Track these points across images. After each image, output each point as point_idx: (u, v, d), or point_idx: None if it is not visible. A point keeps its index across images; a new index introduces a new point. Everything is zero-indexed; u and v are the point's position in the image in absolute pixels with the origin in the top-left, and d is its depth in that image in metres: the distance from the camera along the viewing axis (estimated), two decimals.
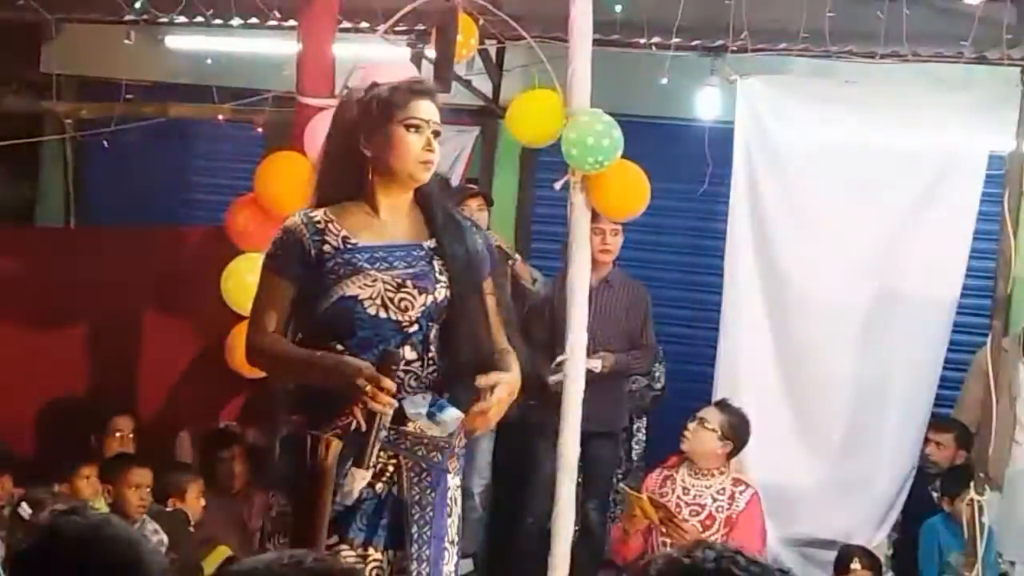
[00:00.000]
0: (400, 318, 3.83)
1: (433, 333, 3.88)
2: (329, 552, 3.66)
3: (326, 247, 3.87)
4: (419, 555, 3.84)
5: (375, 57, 6.62)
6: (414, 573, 3.83)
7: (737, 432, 6.43)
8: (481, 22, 7.04)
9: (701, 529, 6.15)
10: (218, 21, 7.79)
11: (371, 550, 3.84)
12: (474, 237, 4.05)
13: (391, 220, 3.96)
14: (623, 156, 5.91)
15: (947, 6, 6.97)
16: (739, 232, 7.30)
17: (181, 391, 7.05)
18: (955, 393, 7.61)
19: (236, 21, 7.75)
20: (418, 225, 4.00)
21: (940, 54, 6.96)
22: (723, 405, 6.53)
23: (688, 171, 7.59)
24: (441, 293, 3.89)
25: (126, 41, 8.22)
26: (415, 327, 3.85)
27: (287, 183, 6.10)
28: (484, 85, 8.42)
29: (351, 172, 3.95)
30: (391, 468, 3.85)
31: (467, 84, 8.20)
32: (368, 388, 3.61)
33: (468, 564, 6.87)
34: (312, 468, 3.71)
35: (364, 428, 3.68)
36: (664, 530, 6.08)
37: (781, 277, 7.27)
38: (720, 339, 7.35)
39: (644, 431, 7.85)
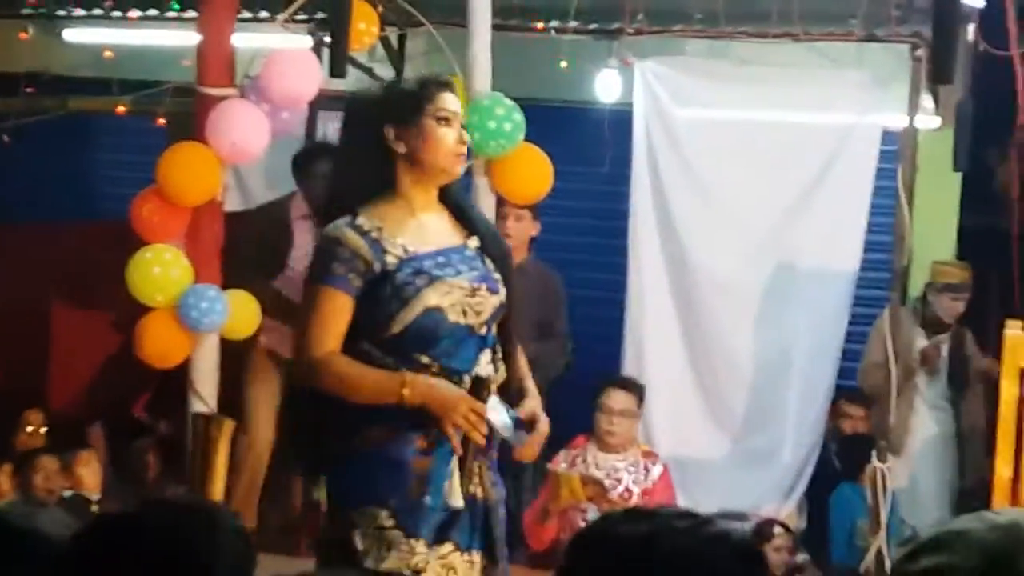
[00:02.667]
0: (474, 323, 3.82)
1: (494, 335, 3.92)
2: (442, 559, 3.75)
3: (389, 258, 3.78)
4: (502, 555, 3.92)
5: (276, 46, 6.63)
6: (501, 573, 3.89)
7: (641, 404, 6.57)
8: (381, 9, 7.07)
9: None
10: (117, 13, 7.76)
11: (473, 554, 3.85)
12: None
13: (429, 220, 3.91)
14: (525, 140, 5.97)
15: None
16: (641, 212, 7.41)
17: (92, 384, 7.03)
18: (857, 365, 7.74)
19: (135, 13, 7.73)
20: (452, 224, 3.96)
21: (831, 33, 7.09)
22: (625, 384, 6.64)
23: (590, 154, 7.67)
24: (503, 294, 3.91)
25: (23, 35, 8.16)
26: (485, 330, 3.86)
27: (190, 174, 6.12)
28: (387, 73, 8.43)
29: (376, 170, 3.87)
30: (477, 471, 3.86)
31: (369, 72, 8.21)
32: (470, 419, 3.65)
33: None
34: (203, 448, 3.75)
35: (460, 452, 3.73)
36: (596, 508, 6.15)
37: (684, 255, 7.39)
38: (626, 318, 7.47)
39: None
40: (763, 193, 7.34)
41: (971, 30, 6.68)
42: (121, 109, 7.69)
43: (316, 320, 3.78)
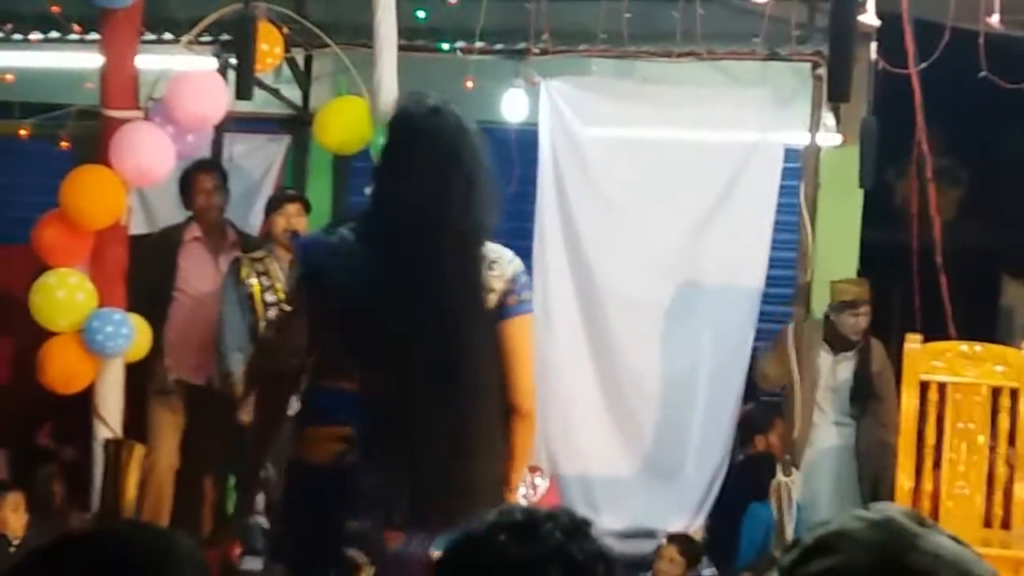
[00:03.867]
0: None
1: None
2: None
3: None
4: None
5: (181, 68, 6.60)
6: None
7: None
8: (286, 31, 7.06)
9: None
10: (18, 36, 7.67)
11: None
12: None
13: None
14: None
15: (740, 5, 7.19)
16: (548, 231, 7.45)
17: None
18: None
19: (36, 35, 7.65)
20: None
21: (734, 51, 7.19)
22: None
23: (496, 173, 7.66)
24: None
25: None
26: None
27: (94, 198, 6.08)
28: (294, 94, 8.42)
29: None
30: None
31: (275, 93, 8.18)
32: None
33: None
34: (115, 473, 3.72)
35: None
36: None
37: (590, 273, 7.43)
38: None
39: None
40: (668, 211, 7.39)
41: (872, 48, 6.78)
42: (23, 132, 7.62)
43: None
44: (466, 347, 3.59)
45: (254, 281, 6.58)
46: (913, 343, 6.13)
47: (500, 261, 3.68)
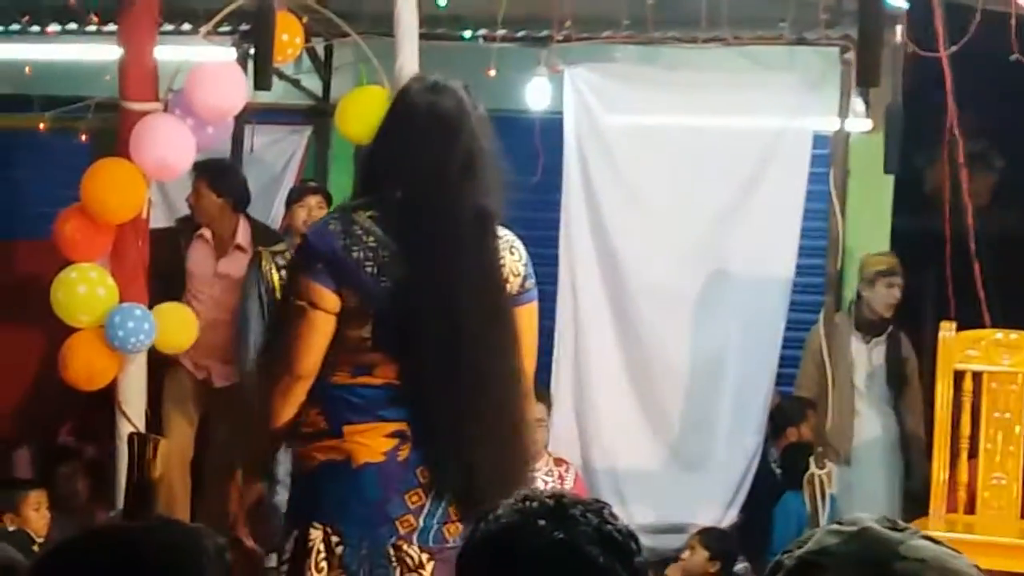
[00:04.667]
0: None
1: None
2: None
3: None
4: None
5: (199, 59, 6.54)
6: None
7: (550, 412, 6.62)
8: (306, 20, 6.98)
9: None
10: (35, 28, 7.61)
11: None
12: None
13: None
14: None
15: None
16: (574, 220, 7.37)
17: (16, 408, 6.90)
18: (796, 371, 7.73)
19: (54, 28, 7.59)
20: None
21: (761, 36, 7.07)
22: (536, 394, 6.66)
23: (520, 162, 7.51)
24: None
25: None
26: None
27: (114, 191, 6.02)
28: (314, 84, 8.36)
29: None
30: None
31: (296, 83, 8.13)
32: None
33: None
34: (139, 468, 3.67)
35: None
36: None
37: (617, 262, 7.34)
38: (556, 327, 7.41)
39: None
40: (696, 198, 7.30)
41: (899, 32, 6.68)
42: (43, 126, 7.57)
43: None
44: (496, 333, 3.57)
45: (275, 274, 6.52)
46: (947, 331, 6.03)
47: (517, 245, 3.70)
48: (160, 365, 6.54)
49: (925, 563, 1.66)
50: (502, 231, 3.68)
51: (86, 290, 5.99)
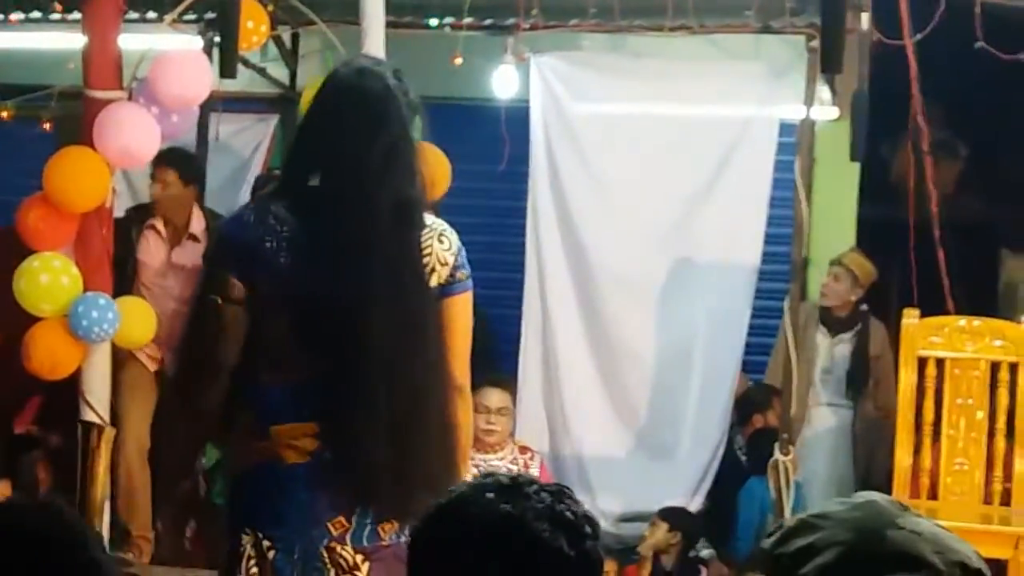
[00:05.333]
0: None
1: None
2: None
3: None
4: None
5: (164, 47, 6.51)
6: None
7: (515, 400, 6.64)
8: (272, 8, 6.96)
9: None
10: None
11: None
12: None
13: None
14: (421, 139, 5.88)
15: None
16: (540, 209, 7.37)
17: None
18: (763, 359, 7.76)
19: (17, 15, 7.55)
20: None
21: (727, 25, 7.08)
22: (500, 382, 6.73)
23: (487, 151, 7.60)
24: None
25: None
26: None
27: (78, 180, 5.99)
28: (281, 72, 8.34)
29: None
30: None
31: (262, 72, 8.10)
32: None
33: None
34: (86, 456, 3.60)
35: None
36: None
37: (583, 251, 7.34)
38: (523, 316, 7.42)
39: None
40: (662, 187, 7.31)
41: (865, 19, 6.69)
42: (5, 114, 7.53)
43: None
44: (412, 325, 3.43)
45: None
46: (911, 318, 6.06)
47: (447, 234, 3.56)
48: (114, 357, 6.51)
49: (919, 535, 1.70)
50: (431, 219, 3.55)
51: (49, 279, 5.95)
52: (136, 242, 6.86)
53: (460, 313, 3.57)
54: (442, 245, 3.52)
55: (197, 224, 6.96)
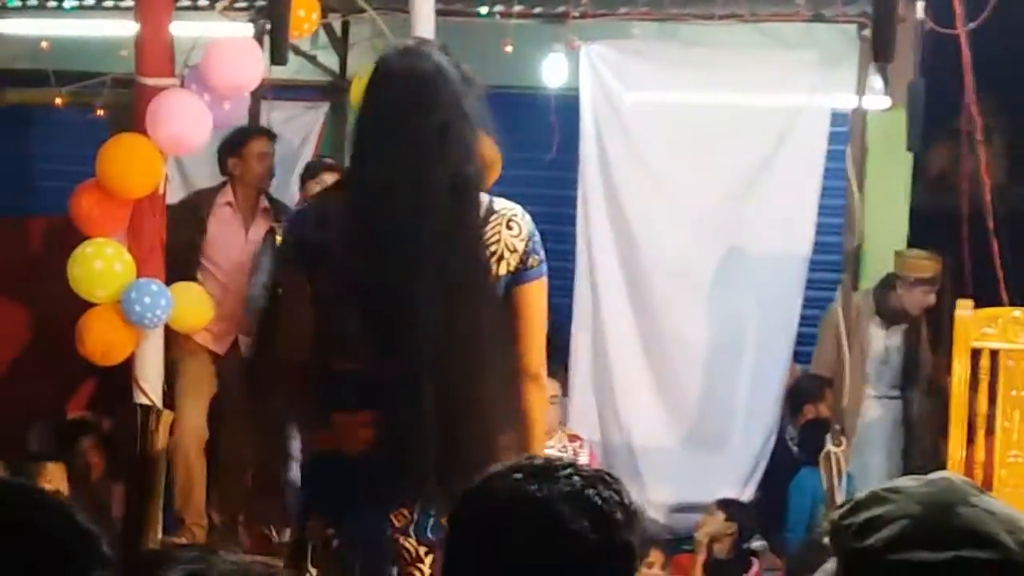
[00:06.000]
0: None
1: None
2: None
3: None
4: None
5: (216, 35, 6.53)
6: None
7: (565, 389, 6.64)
8: None
9: None
10: (52, 3, 7.62)
11: None
12: None
13: None
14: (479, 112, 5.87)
15: None
16: (590, 198, 7.37)
17: (33, 383, 6.92)
18: (812, 348, 7.72)
19: (70, 3, 7.59)
20: None
21: (778, 13, 7.04)
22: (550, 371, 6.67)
23: (536, 140, 7.59)
24: None
25: None
26: None
27: (130, 166, 6.01)
28: (331, 60, 8.35)
29: None
30: None
31: (312, 60, 8.12)
32: None
33: None
34: (142, 440, 3.61)
35: None
36: None
37: (634, 239, 7.33)
38: (574, 305, 7.41)
39: None
40: (712, 176, 7.29)
41: (919, 8, 6.64)
42: (59, 101, 7.57)
43: None
44: (469, 306, 3.36)
45: None
46: (964, 309, 6.00)
47: (517, 219, 3.46)
48: (175, 345, 6.56)
49: (991, 514, 1.66)
50: (501, 204, 3.48)
51: (102, 265, 5.98)
52: (206, 223, 6.88)
53: (534, 300, 3.48)
54: (511, 231, 3.43)
55: (264, 201, 7.05)
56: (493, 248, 3.41)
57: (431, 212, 3.33)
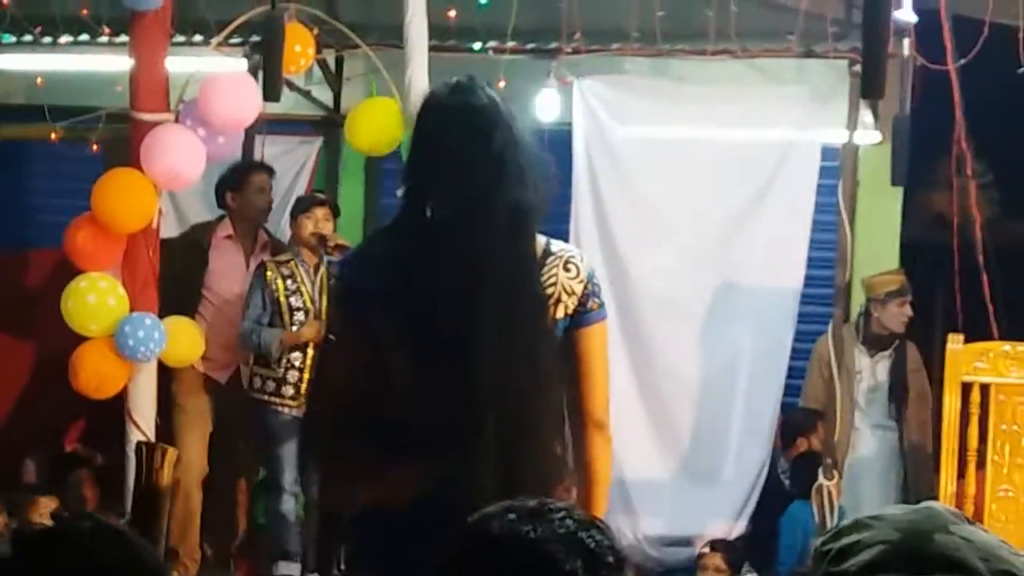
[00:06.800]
0: None
1: None
2: None
3: None
4: None
5: (210, 70, 6.57)
6: None
7: None
8: (317, 31, 7.01)
9: None
10: (47, 39, 7.65)
11: None
12: None
13: None
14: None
15: (775, 2, 7.12)
16: (583, 231, 7.38)
17: (26, 416, 6.93)
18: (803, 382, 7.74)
19: (66, 39, 7.62)
20: None
21: (769, 49, 7.11)
22: None
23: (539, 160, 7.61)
24: None
25: None
26: None
27: (125, 201, 6.06)
28: (325, 95, 8.38)
29: None
30: None
31: (307, 95, 8.15)
32: None
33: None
34: (147, 478, 3.56)
35: None
36: None
37: (626, 273, 7.35)
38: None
39: None
40: (705, 210, 7.32)
41: (908, 45, 6.69)
42: (54, 136, 7.60)
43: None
44: (529, 357, 3.17)
45: (280, 284, 6.58)
46: (955, 343, 6.02)
47: (575, 261, 3.33)
48: (174, 378, 6.60)
49: (968, 542, 1.66)
50: (558, 245, 3.34)
51: (96, 299, 6.02)
52: (206, 256, 6.92)
53: (596, 345, 3.33)
54: (568, 273, 3.29)
55: (263, 236, 7.12)
56: (550, 291, 3.26)
57: (492, 249, 3.18)
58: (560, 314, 3.26)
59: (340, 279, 3.65)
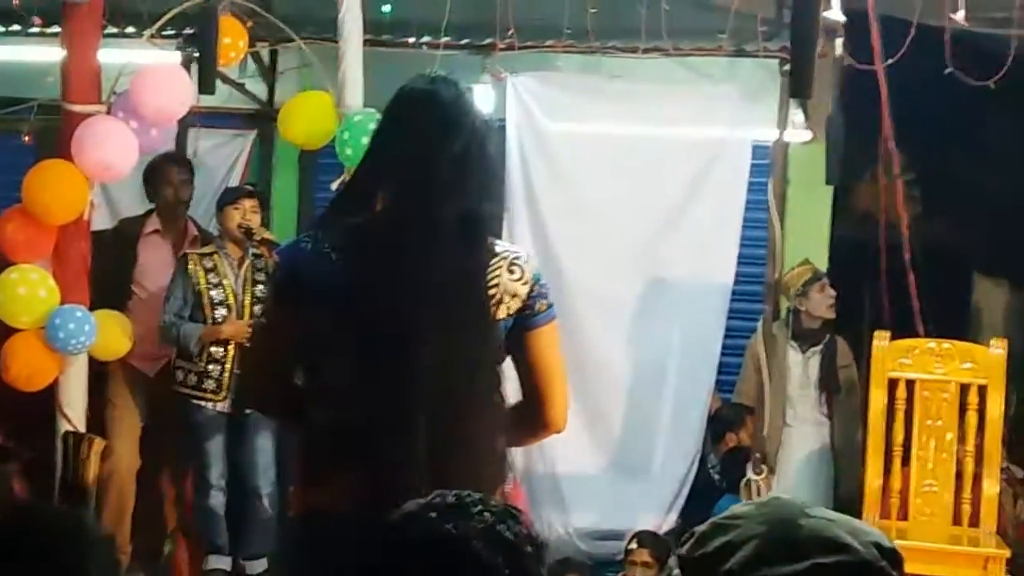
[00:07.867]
0: None
1: None
2: None
3: None
4: None
5: (144, 62, 6.54)
6: None
7: None
8: (251, 24, 7.00)
9: None
10: None
11: None
12: None
13: None
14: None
15: (706, 1, 7.16)
16: (515, 226, 7.40)
17: None
18: (735, 378, 7.80)
19: None
20: None
21: (700, 48, 7.16)
22: None
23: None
24: None
25: None
26: None
27: (56, 192, 6.01)
28: (259, 88, 8.36)
29: None
30: None
31: (240, 87, 8.12)
32: None
33: (263, 564, 6.79)
34: (74, 468, 3.51)
35: None
36: None
37: (558, 268, 7.35)
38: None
39: None
40: (636, 207, 7.37)
41: (838, 44, 6.76)
42: None
43: None
44: (466, 358, 3.10)
45: (201, 277, 6.54)
46: (881, 340, 6.12)
47: (519, 262, 3.19)
48: (103, 371, 6.57)
49: (832, 520, 1.76)
50: (502, 246, 3.20)
51: (27, 291, 5.98)
52: (135, 250, 6.89)
53: (547, 345, 3.22)
54: (512, 275, 3.16)
55: (192, 229, 7.09)
56: (492, 292, 3.14)
57: (438, 252, 3.11)
58: (502, 314, 3.17)
59: (275, 265, 3.57)
